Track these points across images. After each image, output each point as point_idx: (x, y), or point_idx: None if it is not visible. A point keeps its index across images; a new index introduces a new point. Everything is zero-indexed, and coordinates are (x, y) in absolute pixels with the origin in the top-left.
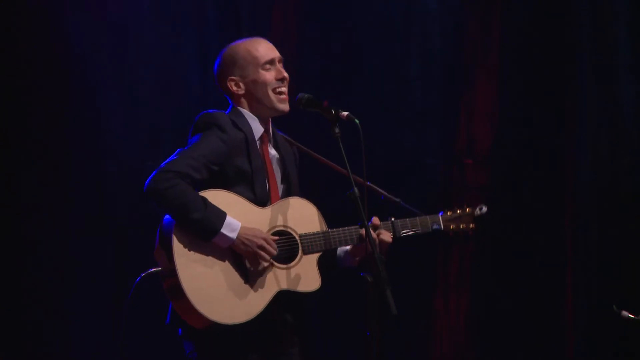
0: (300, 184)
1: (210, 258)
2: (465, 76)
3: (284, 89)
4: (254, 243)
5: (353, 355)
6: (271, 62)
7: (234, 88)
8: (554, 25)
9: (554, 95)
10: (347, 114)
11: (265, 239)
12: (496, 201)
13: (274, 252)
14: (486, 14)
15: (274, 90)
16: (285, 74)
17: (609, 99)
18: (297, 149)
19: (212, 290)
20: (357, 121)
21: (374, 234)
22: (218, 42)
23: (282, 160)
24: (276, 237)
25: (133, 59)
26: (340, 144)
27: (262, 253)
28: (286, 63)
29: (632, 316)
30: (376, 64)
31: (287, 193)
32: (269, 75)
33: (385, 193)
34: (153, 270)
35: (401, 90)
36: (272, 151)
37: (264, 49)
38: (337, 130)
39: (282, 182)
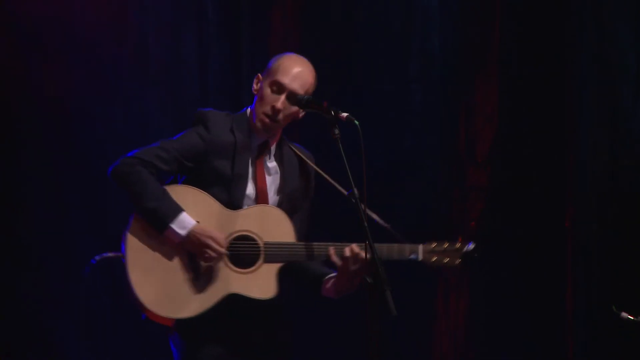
0: (308, 202)
1: (161, 252)
2: (465, 77)
3: (269, 114)
4: (200, 241)
5: (353, 356)
6: (279, 86)
7: (255, 85)
8: (554, 25)
9: (554, 95)
10: (347, 115)
11: (212, 238)
12: (496, 201)
13: (222, 250)
14: (486, 14)
15: (261, 111)
16: (278, 106)
17: (609, 99)
18: (312, 168)
19: (158, 283)
20: (356, 122)
21: (347, 252)
22: (218, 42)
23: (282, 174)
24: (240, 242)
25: (133, 58)
26: (340, 145)
27: (208, 251)
28: None
29: (632, 317)
30: (376, 64)
31: (278, 205)
32: (269, 97)
33: (377, 217)
34: (109, 254)
35: (401, 91)
36: (271, 163)
37: (287, 71)
38: (336, 131)
39: (278, 193)
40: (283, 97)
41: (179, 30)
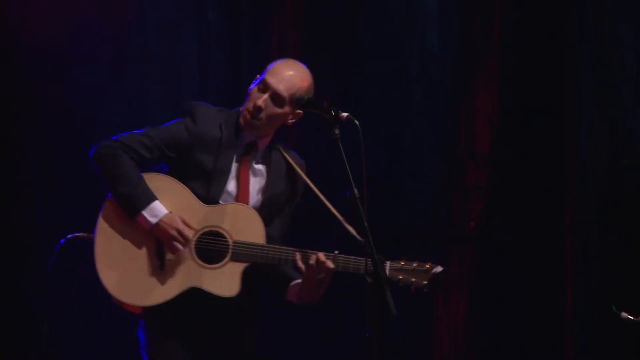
0: (291, 207)
1: (131, 238)
2: (465, 77)
3: (250, 110)
4: (167, 232)
5: (353, 356)
6: (265, 85)
7: (252, 85)
8: (554, 25)
9: (554, 95)
10: (347, 115)
11: (178, 231)
12: (496, 201)
13: (184, 246)
14: (486, 14)
15: (246, 107)
16: (259, 103)
17: (609, 99)
18: (301, 180)
19: (123, 269)
20: (357, 122)
21: (312, 259)
22: (218, 42)
23: (267, 176)
24: (209, 237)
25: (133, 58)
26: (340, 145)
27: (174, 243)
28: None
29: (632, 317)
30: (376, 64)
31: (260, 206)
32: (254, 94)
33: (352, 230)
34: (80, 234)
35: (401, 91)
36: (258, 164)
37: (276, 73)
38: (336, 131)
39: (260, 195)
40: (266, 95)
41: (179, 30)
